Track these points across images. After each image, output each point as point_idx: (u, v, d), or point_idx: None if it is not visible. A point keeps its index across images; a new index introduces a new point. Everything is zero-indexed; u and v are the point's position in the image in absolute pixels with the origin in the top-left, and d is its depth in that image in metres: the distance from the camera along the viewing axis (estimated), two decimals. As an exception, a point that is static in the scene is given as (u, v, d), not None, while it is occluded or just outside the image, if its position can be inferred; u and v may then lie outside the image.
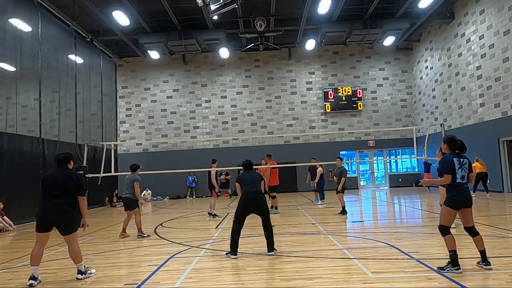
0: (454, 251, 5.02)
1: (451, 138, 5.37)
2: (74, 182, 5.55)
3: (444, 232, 5.15)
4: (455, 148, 5.27)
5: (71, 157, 5.90)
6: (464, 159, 5.24)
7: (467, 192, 5.17)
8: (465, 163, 5.20)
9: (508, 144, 16.56)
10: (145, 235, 9.07)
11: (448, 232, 5.13)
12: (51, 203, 5.51)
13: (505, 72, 16.09)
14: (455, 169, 5.14)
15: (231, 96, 25.34)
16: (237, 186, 6.95)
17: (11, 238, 10.44)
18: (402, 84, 25.43)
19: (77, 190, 5.57)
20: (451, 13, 19.79)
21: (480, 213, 11.16)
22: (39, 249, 5.50)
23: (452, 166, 5.16)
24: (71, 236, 5.52)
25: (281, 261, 6.14)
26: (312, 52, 24.77)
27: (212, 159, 13.07)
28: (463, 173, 5.15)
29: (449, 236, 5.10)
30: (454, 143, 5.29)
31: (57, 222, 5.50)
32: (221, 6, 13.24)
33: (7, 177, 13.04)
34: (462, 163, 5.18)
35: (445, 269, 5.02)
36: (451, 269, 4.99)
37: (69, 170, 5.76)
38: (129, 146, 25.00)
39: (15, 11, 14.19)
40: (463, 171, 5.15)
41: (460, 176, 5.13)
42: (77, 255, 5.53)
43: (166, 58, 24.63)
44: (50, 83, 16.46)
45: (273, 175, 13.01)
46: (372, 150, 25.27)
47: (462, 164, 5.18)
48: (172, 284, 5.14)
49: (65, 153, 5.91)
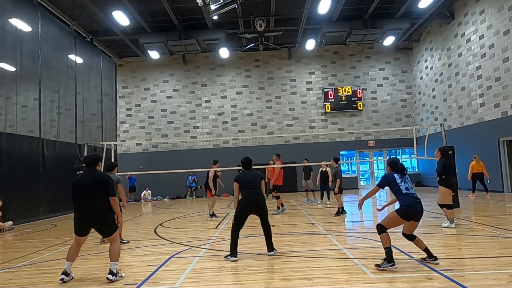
0: (389, 248, 5.25)
1: (394, 161, 5.77)
2: (103, 183, 5.55)
3: (381, 230, 5.39)
4: (396, 171, 5.64)
5: (99, 159, 5.95)
6: (407, 176, 5.67)
7: (420, 204, 5.39)
8: (407, 178, 5.62)
9: (508, 144, 16.56)
10: (124, 241, 8.25)
11: (384, 230, 5.37)
12: (86, 207, 5.48)
13: (505, 72, 16.09)
14: (397, 182, 5.48)
15: (231, 96, 25.34)
16: (235, 187, 6.76)
17: (11, 238, 10.44)
18: (402, 84, 25.43)
19: (106, 192, 5.55)
20: (451, 13, 19.79)
21: (480, 213, 11.16)
22: (76, 248, 5.67)
23: (393, 179, 5.52)
24: (113, 236, 5.61)
25: (281, 261, 6.14)
26: (312, 52, 24.76)
27: (214, 160, 13.02)
28: (406, 185, 5.48)
29: (384, 234, 5.34)
30: (395, 166, 5.67)
31: (96, 225, 5.57)
32: (221, 6, 13.24)
33: (7, 177, 13.04)
34: (404, 178, 5.57)
35: (381, 266, 5.22)
36: (386, 265, 5.18)
37: (98, 172, 5.78)
38: (129, 146, 25.00)
39: (15, 11, 14.19)
40: (406, 183, 5.50)
41: (404, 187, 5.44)
42: (116, 254, 5.52)
43: (166, 58, 24.63)
44: (50, 83, 16.47)
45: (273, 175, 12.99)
46: (372, 150, 25.27)
47: (405, 179, 5.56)
48: (172, 284, 5.14)
49: (94, 155, 5.95)
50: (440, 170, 8.56)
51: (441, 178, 8.53)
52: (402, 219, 5.34)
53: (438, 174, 8.61)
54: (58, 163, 16.04)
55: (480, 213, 11.25)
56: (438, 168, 8.64)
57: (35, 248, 8.38)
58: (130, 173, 21.45)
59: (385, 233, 5.34)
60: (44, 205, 14.97)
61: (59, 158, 16.25)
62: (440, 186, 8.60)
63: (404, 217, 5.33)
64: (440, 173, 8.55)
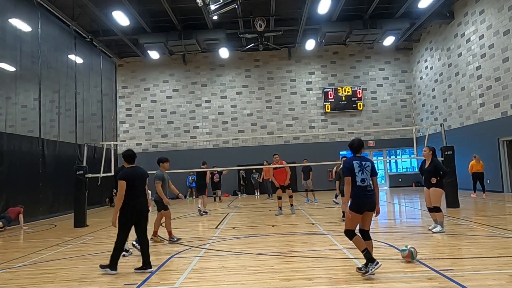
0: (365, 249, 5.03)
1: (350, 142, 5.48)
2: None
3: (350, 235, 5.17)
4: (352, 151, 5.37)
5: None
6: (366, 162, 5.27)
7: (371, 195, 5.17)
8: (367, 166, 5.23)
9: (508, 144, 16.56)
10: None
11: (354, 234, 5.16)
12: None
13: (505, 72, 16.09)
14: (355, 172, 5.16)
15: (231, 96, 25.34)
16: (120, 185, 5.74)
17: (11, 238, 10.44)
18: (402, 84, 25.42)
19: None
20: (451, 13, 19.79)
21: (479, 213, 11.16)
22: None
23: (352, 169, 5.19)
24: None
25: (281, 261, 6.14)
26: (312, 52, 24.76)
27: (203, 161, 14.26)
28: (363, 176, 5.17)
29: (356, 237, 5.14)
30: (351, 146, 5.40)
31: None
32: (221, 6, 13.24)
33: (7, 177, 13.04)
34: (363, 166, 5.22)
35: (368, 270, 4.94)
36: (373, 266, 4.95)
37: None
38: (129, 146, 24.94)
39: (15, 11, 14.18)
40: (363, 174, 5.17)
41: (360, 179, 5.15)
42: None
43: (166, 58, 24.62)
44: (50, 83, 16.47)
45: (278, 175, 12.74)
46: (372, 150, 25.25)
47: (364, 167, 5.21)
48: (172, 284, 5.14)
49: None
50: (437, 171, 8.07)
51: (436, 179, 7.94)
52: (356, 213, 5.13)
53: (432, 175, 7.98)
54: (58, 163, 16.04)
55: (480, 213, 11.25)
56: (438, 168, 8.01)
57: (35, 248, 8.38)
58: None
59: (356, 237, 5.14)
60: (44, 205, 14.97)
61: (59, 158, 16.25)
62: (435, 188, 7.96)
63: (356, 210, 5.13)
64: (435, 174, 7.97)
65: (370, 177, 5.22)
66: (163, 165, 8.65)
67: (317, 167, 17.44)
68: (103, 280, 5.45)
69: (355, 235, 5.16)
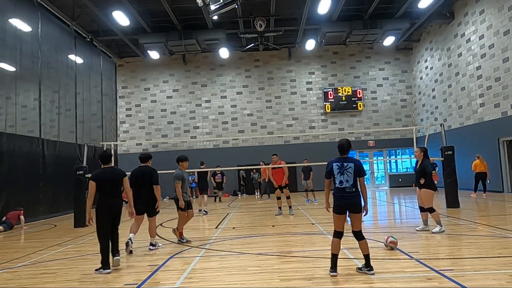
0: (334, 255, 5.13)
1: (338, 142, 5.44)
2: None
3: (333, 235, 5.26)
4: (339, 152, 5.35)
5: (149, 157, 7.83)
6: (349, 163, 5.21)
7: (350, 197, 5.13)
8: (348, 167, 5.17)
9: (508, 144, 16.56)
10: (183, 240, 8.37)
11: (335, 235, 5.21)
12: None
13: (505, 72, 16.09)
14: (334, 174, 5.22)
15: (231, 96, 25.34)
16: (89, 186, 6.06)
17: (11, 238, 10.44)
18: (402, 84, 25.43)
19: None
20: (451, 13, 19.79)
21: (479, 213, 11.16)
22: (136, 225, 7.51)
23: (330, 171, 5.26)
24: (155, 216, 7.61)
25: (281, 261, 6.14)
26: (312, 52, 24.76)
27: (201, 161, 14.92)
28: (343, 178, 5.15)
29: (334, 240, 5.19)
30: (338, 147, 5.40)
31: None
32: (221, 6, 13.23)
33: (7, 177, 13.04)
34: (345, 167, 5.18)
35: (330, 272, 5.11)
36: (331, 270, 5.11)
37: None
38: (129, 146, 25.00)
39: (15, 11, 14.19)
40: (344, 176, 5.15)
41: (338, 181, 5.17)
42: (153, 232, 7.56)
43: (166, 58, 24.62)
44: (50, 83, 16.47)
45: (276, 175, 12.71)
46: (372, 150, 25.26)
47: (345, 168, 5.17)
48: (172, 284, 5.14)
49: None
50: (429, 171, 8.05)
51: (425, 180, 8.01)
52: (338, 214, 5.21)
53: (423, 176, 8.05)
54: (58, 163, 16.04)
55: (480, 213, 11.25)
56: (425, 169, 8.06)
57: (35, 248, 8.38)
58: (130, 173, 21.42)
59: (334, 239, 5.17)
60: (44, 205, 14.97)
61: (59, 158, 16.25)
62: (425, 189, 8.03)
63: (337, 212, 5.21)
64: (426, 174, 8.03)
65: (354, 178, 5.16)
66: (182, 164, 8.36)
67: (317, 167, 17.38)
68: (103, 280, 5.45)
69: (335, 237, 5.20)
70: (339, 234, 5.21)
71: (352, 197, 5.14)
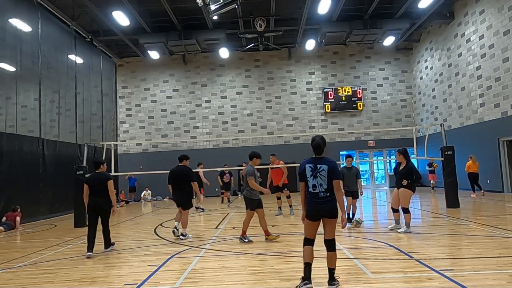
0: (307, 264, 4.57)
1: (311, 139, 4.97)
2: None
3: (303, 242, 4.73)
4: (314, 151, 4.83)
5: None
6: (322, 165, 4.69)
7: (324, 202, 4.61)
8: (321, 169, 4.65)
9: (508, 144, 16.56)
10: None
11: (306, 243, 4.68)
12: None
13: (505, 72, 16.09)
14: (306, 177, 4.72)
15: (231, 96, 25.34)
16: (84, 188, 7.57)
17: (12, 238, 10.44)
18: (402, 84, 25.42)
19: None
20: (451, 13, 19.79)
21: (479, 213, 11.16)
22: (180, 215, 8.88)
23: (303, 173, 4.75)
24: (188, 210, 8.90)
25: (281, 261, 6.14)
26: (312, 52, 24.76)
27: (198, 162, 15.66)
28: (316, 181, 4.65)
29: (305, 247, 4.66)
30: (313, 146, 4.87)
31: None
32: (221, 6, 13.23)
33: (7, 177, 13.03)
34: (318, 169, 4.67)
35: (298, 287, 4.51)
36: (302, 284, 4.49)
37: None
38: (129, 146, 25.00)
39: (15, 11, 14.18)
40: (317, 179, 4.65)
41: (311, 184, 4.67)
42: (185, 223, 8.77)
43: (166, 58, 24.62)
44: (50, 83, 16.46)
45: (274, 175, 12.70)
46: (372, 150, 25.27)
47: (318, 171, 4.67)
48: (172, 284, 5.14)
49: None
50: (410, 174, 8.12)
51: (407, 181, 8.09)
52: (310, 221, 4.68)
53: (405, 177, 8.12)
54: (58, 163, 16.04)
55: (480, 213, 11.25)
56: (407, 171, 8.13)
57: (35, 248, 8.38)
58: (130, 173, 21.47)
59: (306, 247, 4.65)
60: (44, 205, 14.97)
61: (59, 158, 16.25)
62: (405, 189, 8.14)
63: (309, 218, 4.68)
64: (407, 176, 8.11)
65: (328, 182, 4.63)
66: (254, 161, 8.27)
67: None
68: (103, 280, 5.45)
69: (306, 244, 4.68)
70: (311, 241, 4.69)
71: (325, 202, 4.62)
